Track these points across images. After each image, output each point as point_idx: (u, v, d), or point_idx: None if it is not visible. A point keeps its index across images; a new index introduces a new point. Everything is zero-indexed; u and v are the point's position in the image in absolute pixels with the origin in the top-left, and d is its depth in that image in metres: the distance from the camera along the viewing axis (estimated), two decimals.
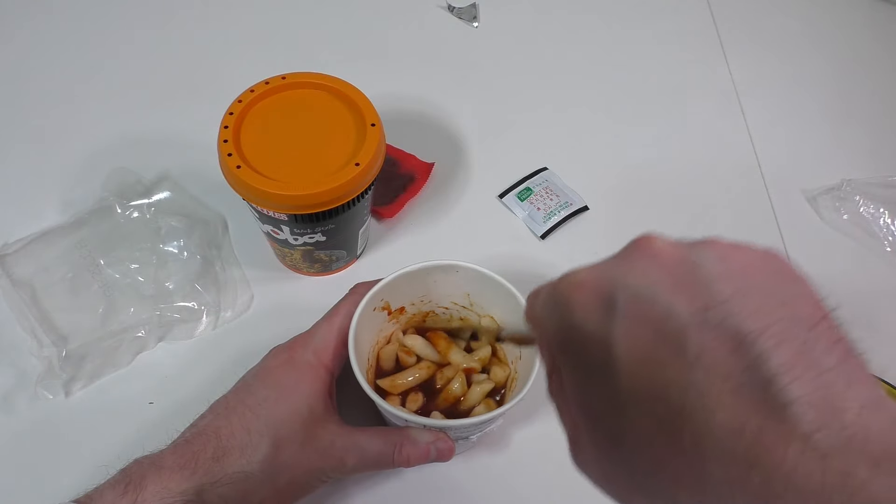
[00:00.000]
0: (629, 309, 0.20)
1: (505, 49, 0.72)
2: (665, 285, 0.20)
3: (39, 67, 0.65)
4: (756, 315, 0.18)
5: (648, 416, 0.19)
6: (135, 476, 0.33)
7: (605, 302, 0.21)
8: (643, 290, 0.20)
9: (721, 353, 0.18)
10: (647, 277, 0.20)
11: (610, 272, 0.21)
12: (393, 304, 0.43)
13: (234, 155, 0.42)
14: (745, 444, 0.17)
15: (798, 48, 0.76)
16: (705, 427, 0.18)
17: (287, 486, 0.36)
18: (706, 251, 0.20)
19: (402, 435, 0.38)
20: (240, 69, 0.64)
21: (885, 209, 0.60)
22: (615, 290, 0.21)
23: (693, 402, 0.18)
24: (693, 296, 0.19)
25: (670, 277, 0.20)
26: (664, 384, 0.18)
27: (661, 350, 0.19)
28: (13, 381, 0.46)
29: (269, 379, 0.38)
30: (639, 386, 0.19)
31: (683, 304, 0.19)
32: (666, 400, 0.18)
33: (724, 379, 0.18)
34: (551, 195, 0.59)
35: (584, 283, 0.22)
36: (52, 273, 0.50)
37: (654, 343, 0.19)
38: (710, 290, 0.19)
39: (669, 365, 0.18)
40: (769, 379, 0.17)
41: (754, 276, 0.19)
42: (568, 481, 0.45)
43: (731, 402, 0.17)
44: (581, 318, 0.21)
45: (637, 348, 0.19)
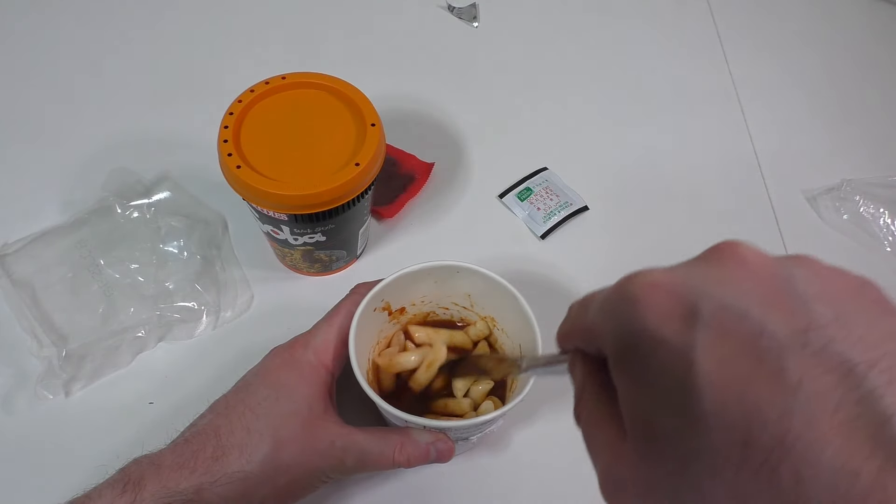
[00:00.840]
0: (716, 320, 0.18)
1: (505, 49, 0.72)
2: (758, 299, 0.18)
3: (39, 67, 0.65)
4: (862, 345, 0.16)
5: (735, 443, 0.16)
6: (133, 475, 0.33)
7: (687, 308, 0.18)
8: (732, 300, 0.18)
9: (827, 382, 0.16)
10: (737, 288, 0.18)
11: (691, 276, 0.19)
12: (393, 304, 0.43)
13: (234, 155, 0.42)
14: (859, 489, 0.15)
15: (798, 48, 0.76)
16: (812, 462, 0.15)
17: (287, 485, 0.36)
18: (800, 268, 0.19)
19: (402, 435, 0.38)
20: (240, 69, 0.65)
21: (885, 209, 0.60)
22: (699, 296, 0.18)
23: (796, 434, 0.16)
24: (790, 314, 0.17)
25: (763, 291, 0.18)
26: (759, 408, 0.16)
27: (756, 370, 0.17)
28: (13, 381, 0.46)
29: (270, 378, 0.38)
30: (725, 407, 0.17)
31: (780, 323, 0.17)
32: (761, 426, 0.16)
33: (834, 412, 0.16)
34: (551, 195, 0.59)
35: (661, 284, 0.19)
36: (52, 273, 0.50)
37: (747, 361, 0.17)
38: (808, 311, 0.17)
39: (765, 388, 0.16)
40: (886, 418, 0.15)
41: (854, 301, 0.18)
42: (568, 482, 0.45)
43: (843, 440, 0.15)
44: (656, 324, 0.18)
45: (726, 364, 0.17)
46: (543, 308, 0.40)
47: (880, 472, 0.15)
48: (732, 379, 0.17)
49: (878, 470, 0.15)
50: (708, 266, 0.19)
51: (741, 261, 0.19)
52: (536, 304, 0.40)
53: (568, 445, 0.46)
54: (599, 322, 0.22)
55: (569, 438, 0.47)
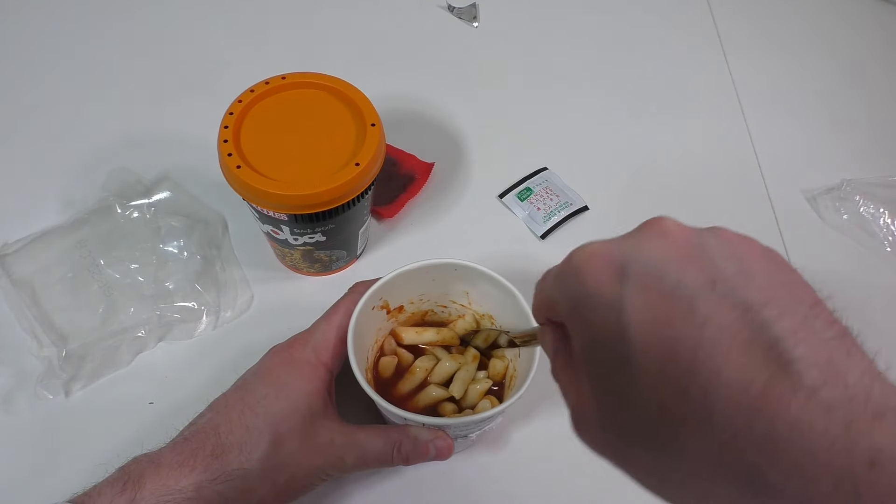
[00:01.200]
0: (641, 277, 0.21)
1: (505, 49, 0.72)
2: (675, 260, 0.21)
3: (39, 67, 0.65)
4: (761, 290, 0.20)
5: (657, 372, 0.20)
6: (133, 474, 0.33)
7: (618, 271, 0.22)
8: (655, 262, 0.21)
9: (730, 317, 0.19)
10: (659, 252, 0.22)
11: (622, 246, 0.23)
12: (392, 302, 0.43)
13: (234, 155, 0.42)
14: (752, 395, 0.18)
15: (798, 48, 0.76)
16: (714, 380, 0.19)
17: (286, 483, 0.36)
18: (713, 235, 0.22)
19: (402, 433, 0.38)
20: (240, 69, 0.65)
21: (885, 209, 0.60)
22: (627, 261, 0.22)
23: (703, 358, 0.19)
24: (701, 270, 0.21)
25: (680, 253, 0.21)
26: (674, 341, 0.20)
27: (672, 312, 0.20)
28: (13, 381, 0.46)
29: (269, 377, 0.38)
30: (648, 344, 0.20)
31: (693, 276, 0.20)
32: (675, 356, 0.20)
33: (733, 338, 0.19)
34: (551, 195, 0.59)
35: (598, 253, 0.23)
36: (52, 273, 0.50)
37: (665, 307, 0.20)
38: (717, 267, 0.21)
39: (679, 326, 0.20)
40: (776, 339, 0.18)
41: (757, 260, 0.21)
42: (567, 479, 0.45)
43: (740, 358, 0.19)
44: (593, 285, 0.22)
45: (648, 310, 0.21)
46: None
47: (769, 381, 0.18)
48: (653, 321, 0.20)
49: (767, 379, 0.18)
50: (637, 236, 0.23)
51: (664, 231, 0.23)
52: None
53: (566, 442, 0.46)
54: (554, 291, 0.26)
55: (567, 435, 0.47)
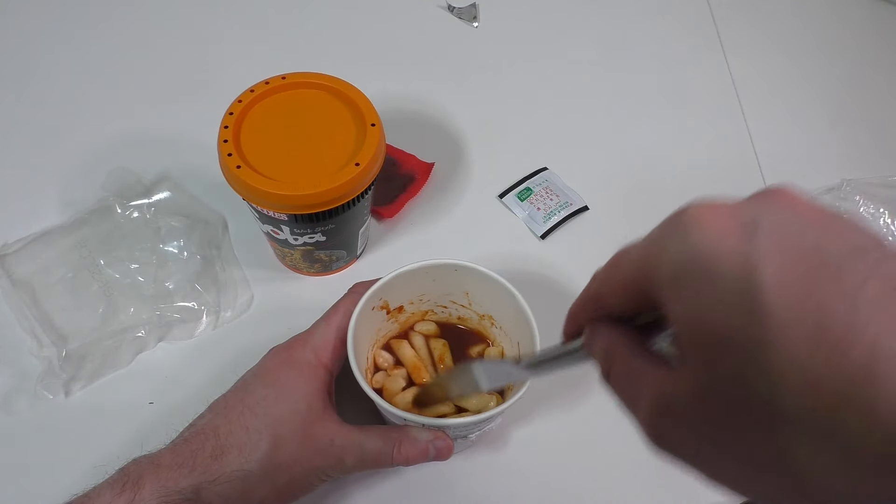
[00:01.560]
0: (775, 235, 0.18)
1: (505, 49, 0.72)
2: (812, 223, 0.19)
3: (39, 67, 0.65)
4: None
5: (807, 333, 0.17)
6: (132, 475, 0.34)
7: (747, 224, 0.19)
8: (790, 221, 0.19)
9: (888, 283, 0.17)
10: (792, 213, 0.19)
11: (746, 204, 0.20)
12: (392, 302, 0.43)
13: (234, 155, 0.42)
14: None
15: (798, 48, 0.76)
16: (885, 344, 0.16)
17: (286, 484, 0.36)
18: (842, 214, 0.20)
19: (401, 433, 0.38)
20: (240, 69, 0.64)
21: (885, 209, 0.60)
22: (757, 217, 0.19)
23: (866, 321, 0.16)
24: (843, 237, 0.18)
25: (816, 218, 0.19)
26: (826, 303, 0.17)
27: (819, 273, 0.17)
28: (13, 381, 0.46)
29: (268, 378, 0.38)
30: (793, 302, 0.17)
31: (835, 241, 0.18)
32: (831, 316, 0.17)
33: None
34: (551, 195, 0.59)
35: (717, 206, 0.20)
36: (52, 273, 0.50)
37: (810, 265, 0.17)
38: (860, 235, 0.18)
39: (831, 286, 0.17)
40: None
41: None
42: (566, 479, 0.45)
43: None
44: (716, 237, 0.19)
45: (789, 268, 0.18)
46: (543, 308, 0.40)
47: None
48: (797, 280, 0.17)
49: None
50: (760, 199, 0.20)
51: (791, 199, 0.20)
52: (536, 304, 0.40)
53: (566, 443, 0.47)
54: (645, 261, 0.21)
55: (567, 436, 0.47)
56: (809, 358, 0.17)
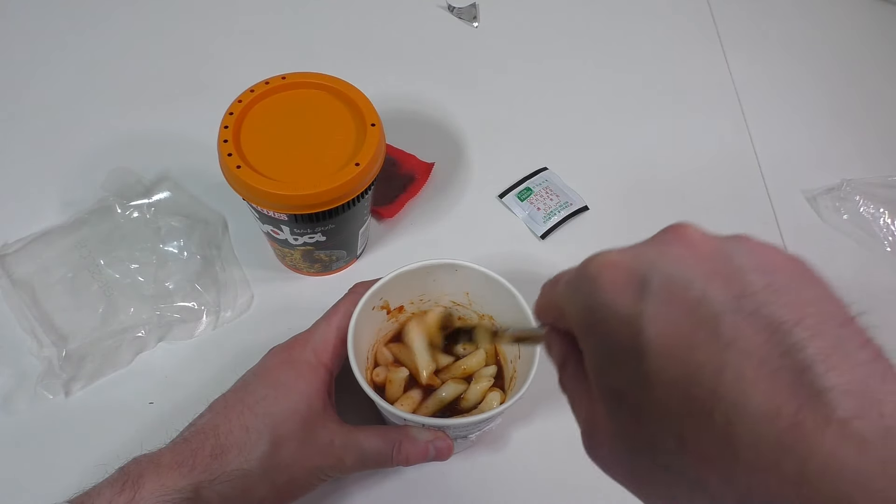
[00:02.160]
0: (663, 291, 0.20)
1: (505, 49, 0.72)
2: (700, 272, 0.20)
3: (39, 68, 0.65)
4: (789, 307, 0.18)
5: (678, 396, 0.19)
6: (132, 474, 0.33)
7: (638, 283, 0.20)
8: (678, 274, 0.20)
9: (757, 339, 0.18)
10: (682, 263, 0.20)
11: (643, 255, 0.21)
12: (392, 302, 0.43)
13: (234, 155, 0.42)
14: (780, 427, 0.17)
15: (798, 48, 0.76)
16: (739, 409, 0.17)
17: (286, 484, 0.36)
18: (739, 244, 0.21)
19: (401, 433, 0.38)
20: (240, 69, 0.65)
21: (885, 209, 0.60)
22: (649, 272, 0.20)
23: (727, 384, 0.18)
24: (727, 284, 0.19)
25: (705, 265, 0.20)
26: (696, 365, 0.18)
27: (695, 333, 0.19)
28: (13, 381, 0.46)
29: (268, 378, 0.38)
30: (669, 366, 0.19)
31: (718, 291, 0.19)
32: (698, 381, 0.18)
33: (760, 363, 0.17)
34: (551, 195, 0.59)
35: (616, 263, 0.22)
36: (52, 273, 0.50)
37: (687, 325, 0.19)
38: (743, 280, 0.19)
39: (702, 347, 0.18)
40: (806, 366, 0.17)
41: (784, 272, 0.19)
42: (566, 480, 0.45)
43: (767, 386, 0.17)
44: (611, 298, 0.21)
45: (669, 329, 0.19)
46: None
47: (799, 411, 0.17)
48: (674, 341, 0.19)
49: (796, 409, 0.17)
50: (658, 245, 0.22)
51: (688, 240, 0.21)
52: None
53: (566, 443, 0.46)
54: (565, 300, 0.24)
55: (567, 436, 0.47)
56: (680, 420, 0.19)
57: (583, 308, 0.22)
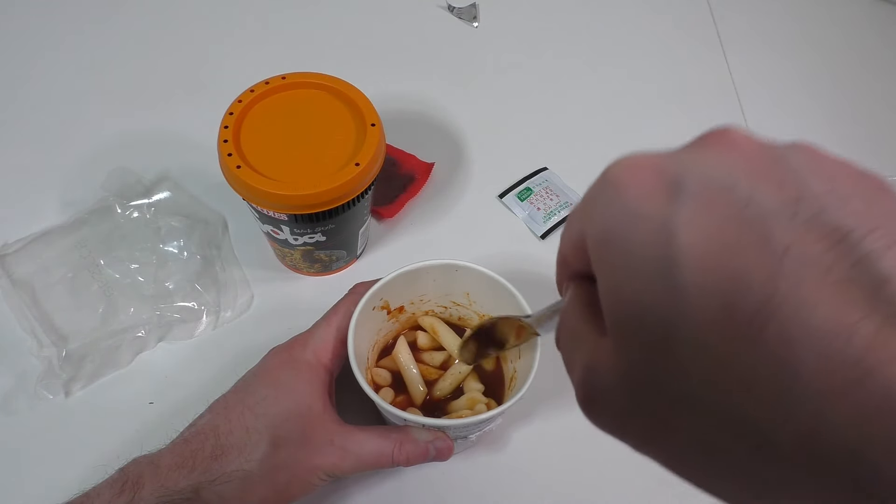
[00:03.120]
0: (700, 192, 0.16)
1: (505, 49, 0.72)
2: (746, 172, 0.16)
3: (39, 67, 0.65)
4: (857, 216, 0.15)
5: (717, 311, 0.15)
6: (132, 475, 0.34)
7: (670, 184, 0.17)
8: (719, 174, 0.16)
9: (818, 247, 0.14)
10: (725, 163, 0.17)
11: (677, 157, 0.18)
12: (392, 303, 0.43)
13: (234, 155, 0.42)
14: (855, 349, 0.14)
15: (798, 48, 0.76)
16: (801, 325, 0.14)
17: (286, 485, 0.36)
18: (797, 150, 0.17)
19: (402, 434, 0.38)
20: (240, 69, 0.64)
21: None
22: (683, 172, 0.17)
23: (783, 295, 0.14)
24: (781, 186, 0.16)
25: (753, 165, 0.16)
26: (743, 273, 0.15)
27: (741, 238, 0.15)
28: (13, 381, 0.46)
29: (268, 378, 0.38)
30: (708, 275, 0.15)
31: (769, 193, 0.16)
32: (745, 291, 0.15)
33: (826, 272, 0.14)
34: (551, 195, 0.59)
35: (644, 164, 0.18)
36: (52, 273, 0.50)
37: (731, 230, 0.15)
38: (800, 182, 0.16)
39: (751, 254, 0.15)
40: (885, 278, 0.14)
41: (853, 183, 0.16)
42: (567, 480, 0.45)
43: (836, 299, 0.14)
44: (636, 201, 0.17)
45: (708, 234, 0.16)
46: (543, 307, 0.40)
47: (879, 332, 0.14)
48: (715, 248, 0.15)
49: (876, 329, 0.14)
50: (696, 147, 0.18)
51: (732, 142, 0.18)
52: (536, 304, 0.40)
53: (566, 443, 0.46)
54: (581, 216, 0.20)
55: (567, 436, 0.47)
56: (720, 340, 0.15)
57: (602, 218, 0.18)
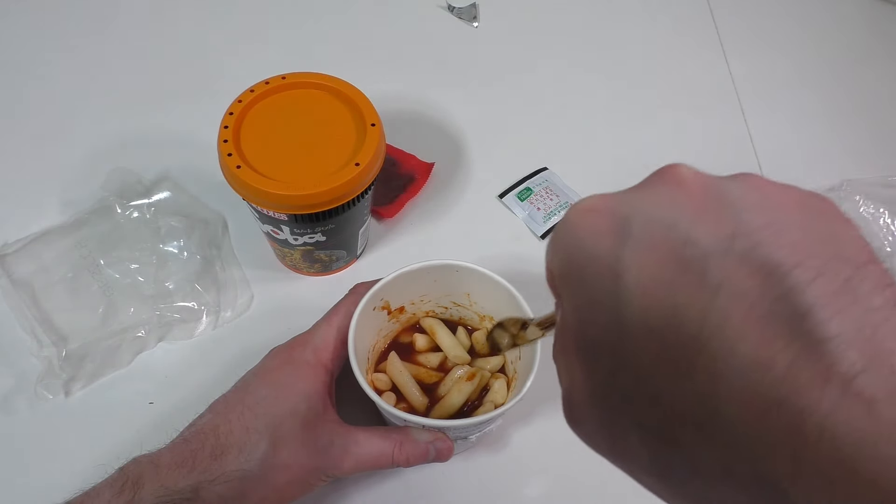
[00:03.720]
0: (644, 234, 0.18)
1: (505, 49, 0.72)
2: (688, 211, 0.18)
3: (40, 67, 0.65)
4: (792, 248, 0.16)
5: (656, 345, 0.17)
6: (132, 474, 0.33)
7: (619, 226, 0.19)
8: (662, 214, 0.18)
9: (748, 282, 0.16)
10: (668, 203, 0.18)
11: (626, 198, 0.20)
12: (393, 303, 0.43)
13: (234, 155, 0.42)
14: (771, 380, 0.15)
15: (798, 47, 0.76)
16: (725, 357, 0.15)
17: (286, 485, 0.36)
18: (739, 183, 0.18)
19: (402, 434, 0.38)
20: (240, 69, 0.64)
21: (885, 209, 0.60)
22: (631, 214, 0.19)
23: (712, 330, 0.16)
24: (718, 223, 0.17)
25: (694, 204, 0.18)
26: (678, 309, 0.16)
27: (678, 276, 0.17)
28: (13, 381, 0.46)
29: (269, 378, 0.38)
30: (648, 312, 0.17)
31: (707, 231, 0.17)
32: (679, 326, 0.16)
33: (750, 307, 0.15)
34: (551, 195, 0.59)
35: (597, 208, 0.20)
36: (52, 273, 0.50)
37: (670, 268, 0.17)
38: (738, 219, 0.17)
39: (686, 291, 0.16)
40: (805, 311, 0.15)
41: (792, 211, 0.17)
42: (567, 480, 0.45)
43: (758, 332, 0.15)
44: (590, 243, 0.19)
45: (650, 273, 0.17)
46: (543, 308, 0.40)
47: (794, 361, 0.14)
48: (655, 286, 0.17)
49: (791, 359, 0.15)
50: (645, 187, 0.20)
51: (678, 179, 0.19)
52: (536, 304, 0.40)
53: (566, 444, 0.46)
54: (548, 254, 0.22)
55: (567, 437, 0.47)
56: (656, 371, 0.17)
57: (563, 256, 0.21)
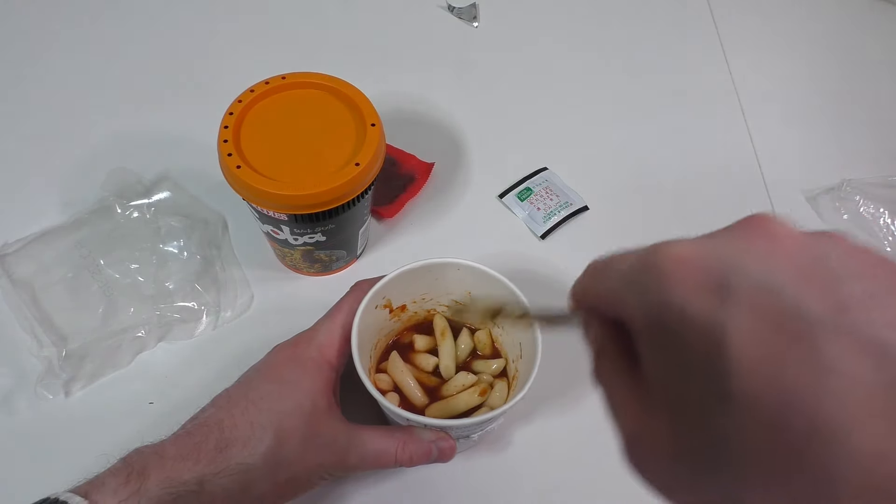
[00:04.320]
0: (748, 297, 0.17)
1: (505, 49, 0.72)
2: (791, 276, 0.17)
3: (39, 67, 0.65)
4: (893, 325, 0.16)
5: (765, 424, 0.16)
6: (137, 465, 0.33)
7: (717, 284, 0.18)
8: (765, 276, 0.17)
9: (862, 367, 0.15)
10: (769, 263, 0.18)
11: (720, 250, 0.19)
12: (394, 301, 0.43)
13: (234, 155, 0.42)
14: (887, 470, 0.15)
15: (798, 48, 0.76)
16: (839, 444, 0.15)
17: (288, 481, 0.36)
18: (833, 245, 0.18)
19: (405, 433, 0.38)
20: (240, 69, 0.64)
21: (885, 209, 0.60)
22: (729, 271, 0.18)
23: (827, 416, 0.15)
24: (825, 292, 0.17)
25: (797, 268, 0.17)
26: (790, 388, 0.16)
27: (790, 351, 0.16)
28: (13, 381, 0.46)
29: (273, 374, 0.38)
30: (757, 388, 0.16)
31: (815, 301, 0.16)
32: (792, 408, 0.16)
33: (867, 397, 0.15)
34: (551, 195, 0.59)
35: (689, 259, 0.19)
36: (52, 273, 0.50)
37: (781, 342, 0.16)
38: (843, 289, 0.17)
39: (799, 369, 0.16)
40: None
41: (887, 280, 0.17)
42: (568, 480, 0.45)
43: (873, 421, 0.15)
44: (684, 300, 0.18)
45: (758, 345, 0.16)
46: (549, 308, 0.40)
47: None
48: (765, 359, 0.16)
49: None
50: (737, 240, 0.19)
51: (772, 235, 0.19)
52: (536, 304, 0.40)
53: (568, 443, 0.46)
54: (623, 292, 0.21)
55: (569, 436, 0.47)
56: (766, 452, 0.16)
57: (649, 307, 0.19)
